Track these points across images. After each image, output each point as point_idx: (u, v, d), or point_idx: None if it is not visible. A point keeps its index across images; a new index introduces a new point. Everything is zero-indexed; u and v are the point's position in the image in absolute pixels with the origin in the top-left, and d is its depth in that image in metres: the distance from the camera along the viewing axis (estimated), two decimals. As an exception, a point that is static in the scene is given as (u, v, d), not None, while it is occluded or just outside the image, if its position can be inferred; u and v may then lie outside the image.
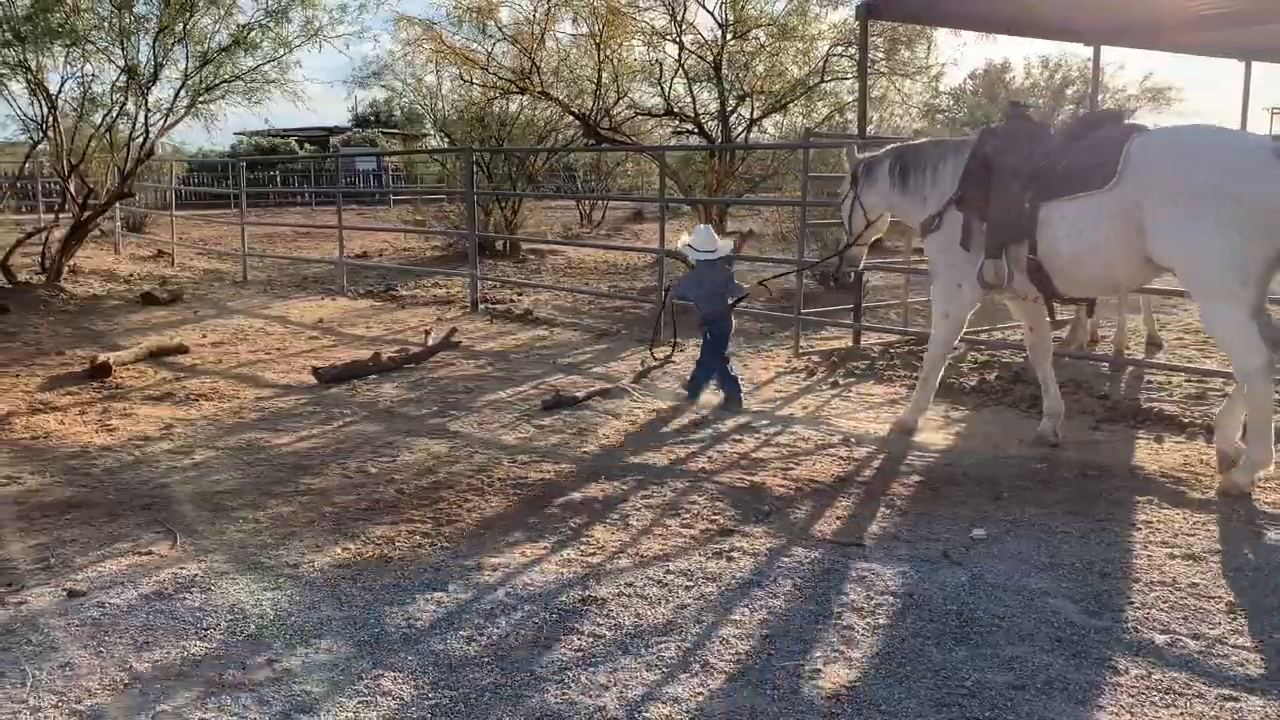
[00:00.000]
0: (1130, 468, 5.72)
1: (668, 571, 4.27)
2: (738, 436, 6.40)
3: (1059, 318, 6.80)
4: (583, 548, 4.55)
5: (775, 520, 4.89)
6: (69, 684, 3.37)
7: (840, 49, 12.89)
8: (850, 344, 9.24)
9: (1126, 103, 32.29)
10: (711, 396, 7.29)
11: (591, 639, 3.68)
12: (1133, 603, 3.97)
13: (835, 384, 7.90)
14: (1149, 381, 7.85)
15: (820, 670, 3.45)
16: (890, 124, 14.86)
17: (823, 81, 12.97)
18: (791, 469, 5.69)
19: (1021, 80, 36.18)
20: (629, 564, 4.36)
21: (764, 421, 6.78)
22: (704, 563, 4.36)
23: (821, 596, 4.03)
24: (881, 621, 3.82)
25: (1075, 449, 6.07)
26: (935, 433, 6.48)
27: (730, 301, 7.39)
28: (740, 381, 7.35)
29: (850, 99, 13.23)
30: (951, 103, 35.32)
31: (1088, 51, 12.00)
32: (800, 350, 9.02)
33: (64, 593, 4.06)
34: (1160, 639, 3.67)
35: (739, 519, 4.90)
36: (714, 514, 4.97)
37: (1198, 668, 3.48)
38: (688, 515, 4.95)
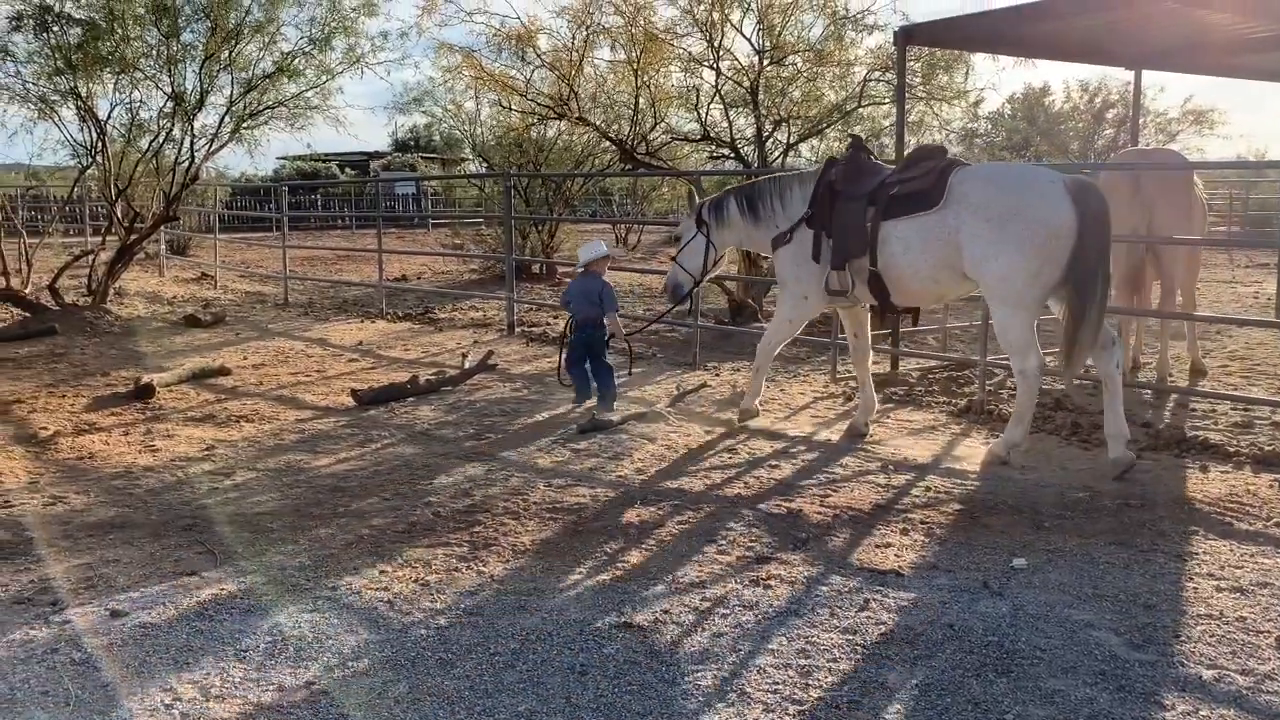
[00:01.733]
0: (1175, 498, 5.62)
1: (704, 599, 4.25)
2: (775, 462, 6.37)
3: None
4: (618, 573, 4.54)
5: (813, 548, 4.86)
6: (110, 704, 3.40)
7: (877, 74, 12.87)
8: (888, 369, 9.18)
9: (1168, 125, 32.01)
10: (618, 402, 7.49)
11: (628, 666, 3.66)
12: (1179, 636, 3.89)
13: (873, 410, 7.84)
14: (1193, 409, 7.73)
15: (859, 701, 3.41)
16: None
17: (859, 106, 12.95)
18: (829, 495, 5.65)
19: (1061, 103, 36.01)
20: (665, 591, 4.35)
21: (801, 447, 6.74)
22: (741, 590, 4.34)
23: (860, 626, 3.99)
24: (921, 652, 3.78)
25: (1118, 478, 5.97)
26: (975, 460, 6.41)
27: (605, 313, 7.93)
28: (614, 391, 7.81)
29: (887, 124, 13.19)
30: (989, 127, 35.19)
31: (1129, 74, 11.92)
32: (837, 375, 8.97)
33: (107, 612, 4.11)
34: (1207, 674, 3.60)
35: (776, 546, 4.87)
36: (751, 541, 4.95)
37: (1246, 704, 3.40)
38: (724, 542, 4.93)
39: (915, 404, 8.04)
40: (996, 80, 43.98)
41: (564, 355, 8.20)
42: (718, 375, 9.23)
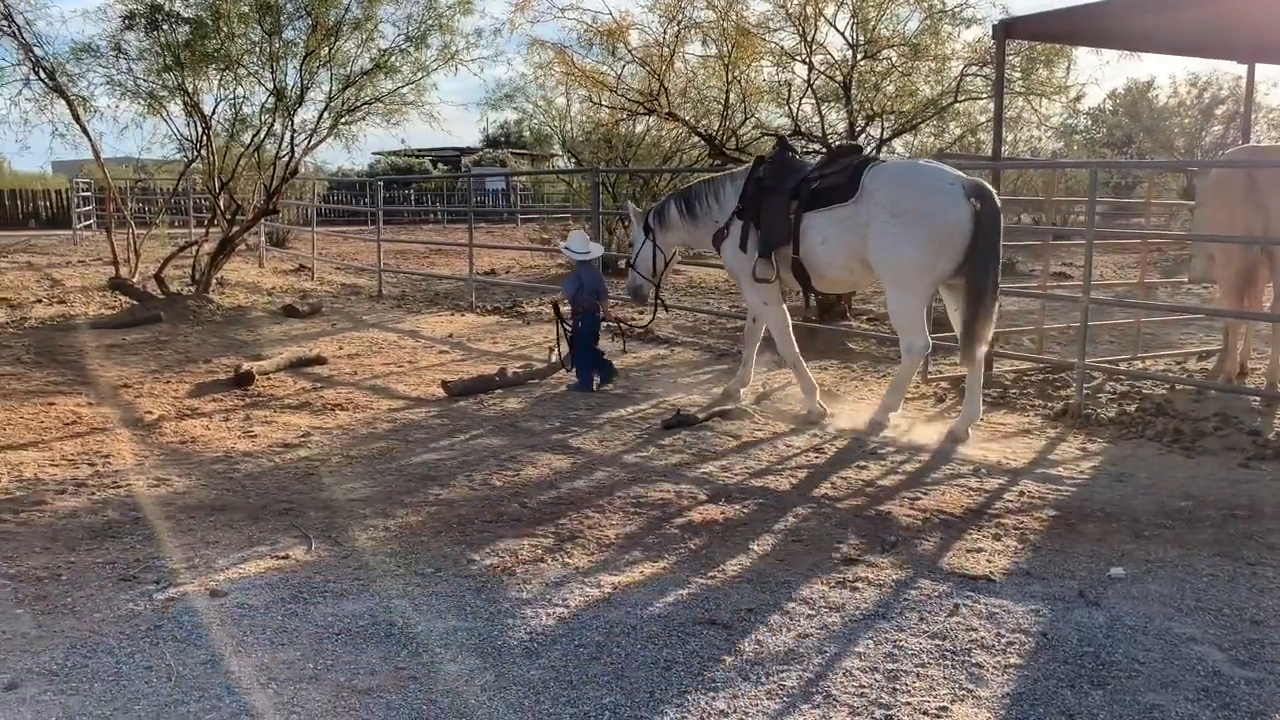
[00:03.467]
0: (1285, 509, 5.39)
1: (789, 599, 4.21)
2: (862, 463, 6.28)
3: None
4: (703, 570, 4.53)
5: (901, 551, 4.78)
6: (210, 681, 3.51)
7: (974, 68, 12.57)
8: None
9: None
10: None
11: (711, 663, 3.65)
12: (1288, 654, 3.73)
13: (964, 411, 7.68)
14: (1306, 418, 7.39)
15: (947, 708, 3.35)
16: (1028, 144, 14.44)
17: (955, 101, 12.67)
18: (919, 498, 5.55)
19: (1167, 98, 34.76)
20: (750, 589, 4.32)
21: (890, 448, 6.64)
22: (827, 591, 4.29)
23: (949, 632, 3.91)
24: (1013, 660, 3.69)
25: (1223, 487, 5.76)
26: (1071, 465, 6.24)
27: (601, 301, 8.50)
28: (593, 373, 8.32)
29: (984, 119, 12.89)
30: (1089, 123, 34.11)
31: (1241, 68, 11.44)
32: (929, 376, 8.80)
33: (207, 592, 4.25)
34: (1319, 695, 3.44)
35: (863, 548, 4.81)
36: (838, 542, 4.89)
37: (1362, 729, 3.24)
38: (810, 542, 4.88)
39: (1009, 407, 7.85)
40: (1099, 74, 42.57)
41: (571, 342, 8.48)
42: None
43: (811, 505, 5.43)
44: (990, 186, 6.80)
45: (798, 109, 12.93)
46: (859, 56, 12.17)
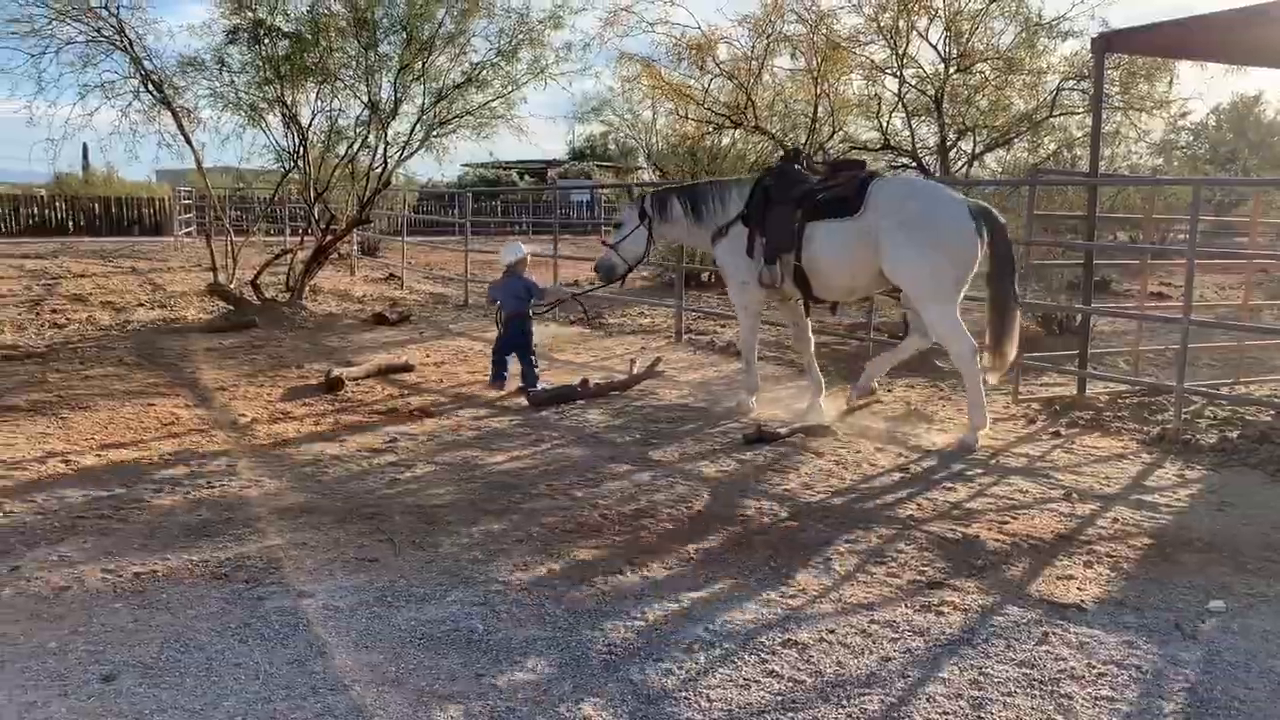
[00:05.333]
0: (1401, 546, 5.12)
1: (872, 621, 4.14)
2: (950, 484, 6.15)
3: None
4: (783, 589, 4.48)
5: (989, 575, 4.66)
6: (295, 680, 3.59)
7: (1071, 82, 12.30)
8: (1074, 392, 8.73)
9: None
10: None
11: (791, 684, 3.60)
12: (1404, 700, 3.54)
13: (1057, 434, 7.48)
14: None
15: (1035, 740, 3.25)
16: (1127, 160, 14.05)
17: (1050, 116, 12.39)
18: (1007, 522, 5.41)
19: (1274, 114, 33.50)
20: (831, 610, 4.26)
21: (978, 470, 6.49)
22: (910, 615, 4.20)
23: (1038, 660, 3.80)
24: (1104, 693, 3.56)
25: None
26: (1168, 493, 6.03)
27: (530, 304, 8.92)
28: (538, 373, 8.80)
29: (1080, 134, 12.58)
30: (1191, 138, 33.02)
31: (1357, 83, 10.97)
32: (1019, 396, 8.59)
33: (295, 593, 4.34)
34: None
35: (949, 571, 4.70)
36: (923, 564, 4.79)
37: None
38: (894, 564, 4.79)
39: (1103, 430, 7.62)
40: (1203, 89, 41.15)
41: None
42: (890, 391, 9.00)
43: (896, 526, 5.34)
44: (994, 209, 7.16)
45: (887, 123, 12.80)
46: (951, 70, 12.00)
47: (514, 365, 8.98)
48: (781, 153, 8.02)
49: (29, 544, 4.90)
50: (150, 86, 13.14)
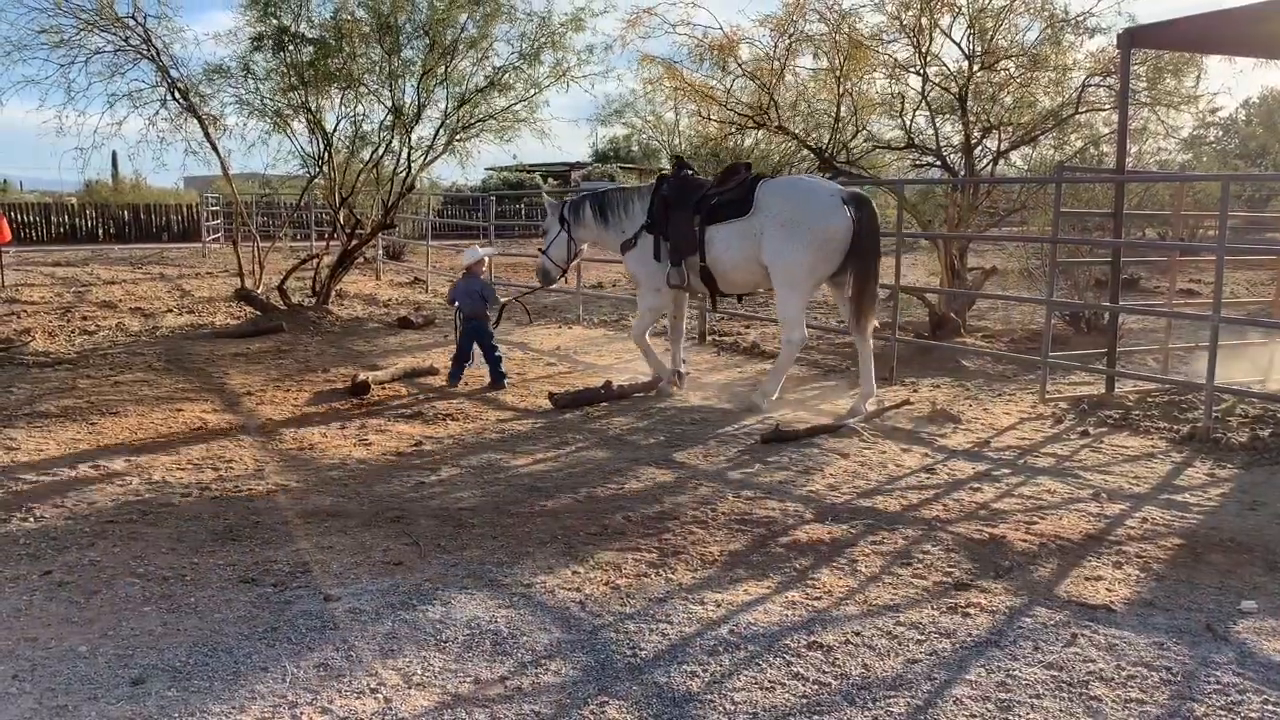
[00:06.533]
0: None
1: (898, 623, 4.11)
2: (976, 485, 6.11)
3: None
4: (808, 590, 4.46)
5: (1016, 577, 4.62)
6: (322, 684, 3.61)
7: (1097, 79, 12.16)
8: (1102, 391, 8.65)
9: None
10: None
11: (817, 686, 3.59)
12: None
13: (1085, 433, 7.41)
14: None
15: (1064, 743, 3.22)
16: (1155, 157, 13.87)
17: (1076, 113, 12.26)
18: (1035, 523, 5.36)
19: (1306, 108, 32.97)
20: (856, 612, 4.24)
21: (1005, 470, 6.44)
22: (937, 617, 4.17)
23: (1066, 662, 3.76)
24: (1133, 695, 3.52)
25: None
26: (1198, 492, 5.95)
27: (487, 306, 9.26)
28: (503, 370, 9.24)
29: (1106, 131, 12.44)
30: (1220, 133, 32.60)
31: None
32: (1047, 396, 8.52)
33: (321, 596, 4.37)
34: None
35: (976, 573, 4.66)
36: (949, 566, 4.75)
37: None
38: (920, 565, 4.76)
39: (1132, 429, 7.54)
40: (1232, 84, 40.64)
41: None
42: (916, 391, 8.95)
43: (922, 527, 5.30)
44: (866, 195, 7.88)
45: (911, 121, 12.71)
46: (975, 68, 11.90)
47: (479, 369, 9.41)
48: (673, 160, 8.75)
49: (59, 548, 4.96)
50: (177, 94, 13.26)
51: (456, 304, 9.45)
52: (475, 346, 9.35)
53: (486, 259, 9.78)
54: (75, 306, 15.01)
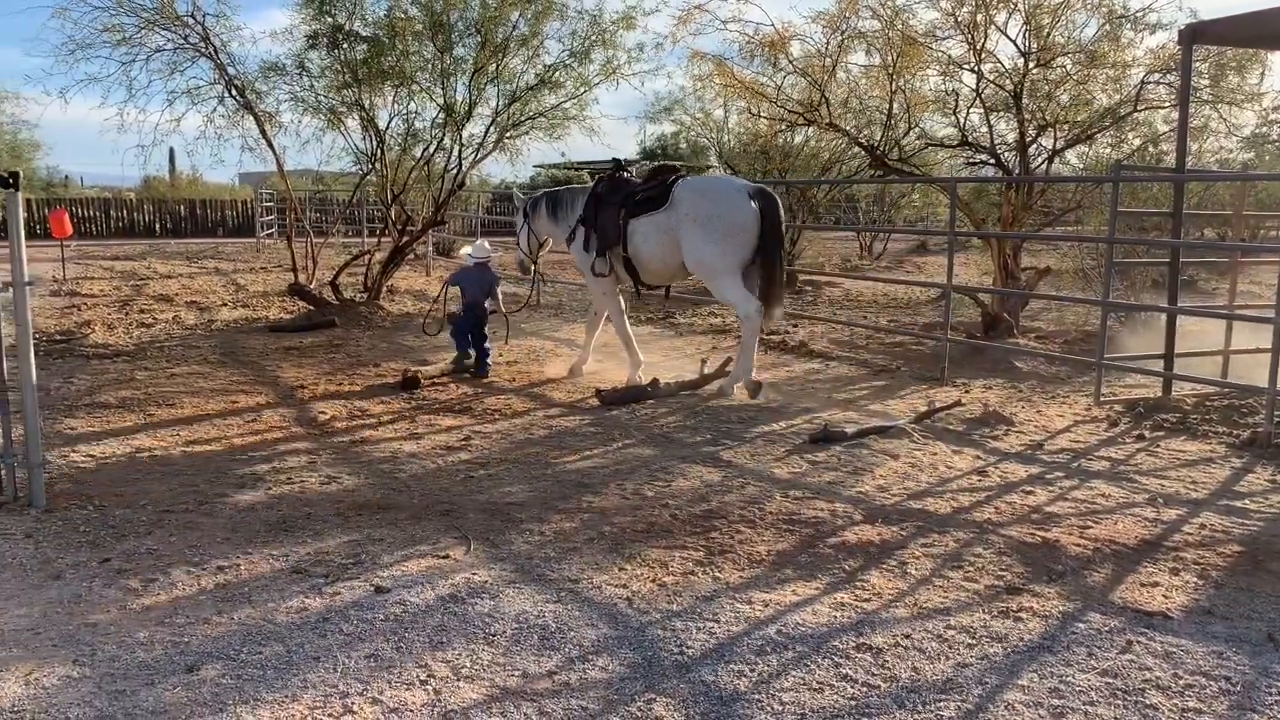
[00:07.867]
0: None
1: (948, 626, 4.07)
2: (1029, 488, 6.02)
3: None
4: (857, 592, 4.42)
5: (1069, 581, 4.55)
6: (372, 674, 3.65)
7: (1156, 76, 11.91)
8: (1159, 394, 8.49)
9: None
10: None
11: (865, 688, 3.56)
12: None
13: (1141, 437, 7.28)
14: None
15: (1119, 752, 3.16)
16: (1215, 155, 13.57)
17: (1135, 111, 12.03)
18: (1089, 527, 5.28)
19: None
20: (906, 614, 4.20)
21: (1059, 473, 6.34)
22: (988, 621, 4.12)
23: (1121, 670, 3.70)
24: (1192, 704, 3.45)
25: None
26: (1259, 498, 5.82)
27: (487, 300, 9.85)
28: (489, 361, 9.72)
29: (1166, 129, 12.19)
30: (1285, 132, 31.77)
31: None
32: (1101, 398, 8.37)
33: (372, 588, 4.42)
34: None
35: (1028, 577, 4.60)
36: (1001, 569, 4.69)
37: None
38: (971, 568, 4.71)
39: (1190, 433, 7.39)
40: (1299, 80, 39.54)
41: (441, 311, 10.64)
42: (968, 392, 8.84)
43: (973, 530, 5.24)
44: (770, 190, 8.43)
45: (965, 119, 12.56)
46: (1031, 65, 11.72)
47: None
48: (612, 163, 9.34)
49: (118, 537, 5.07)
50: (234, 91, 13.47)
51: (459, 286, 9.99)
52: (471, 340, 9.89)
53: (492, 256, 10.27)
54: (133, 300, 15.31)
